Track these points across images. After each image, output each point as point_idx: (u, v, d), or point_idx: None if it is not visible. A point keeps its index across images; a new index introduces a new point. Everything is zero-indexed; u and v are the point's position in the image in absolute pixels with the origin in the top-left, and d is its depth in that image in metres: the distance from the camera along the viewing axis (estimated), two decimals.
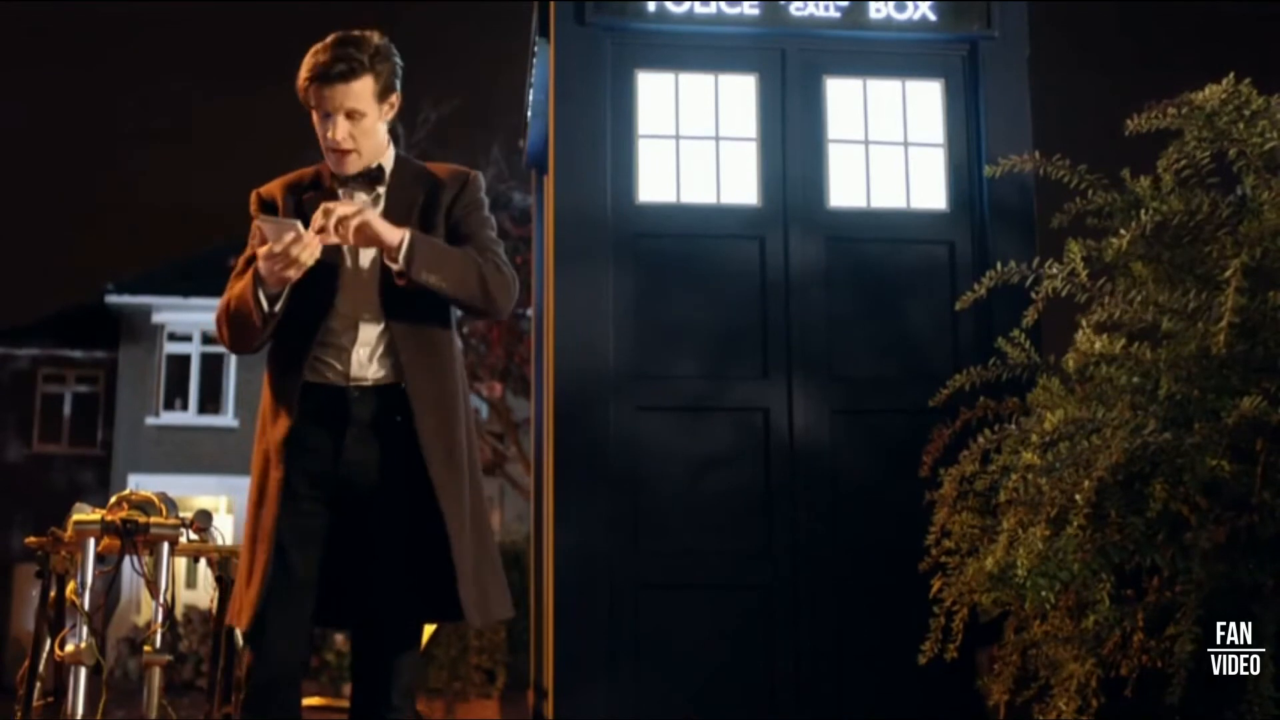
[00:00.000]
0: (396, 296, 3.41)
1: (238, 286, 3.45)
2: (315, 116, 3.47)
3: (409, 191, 3.55)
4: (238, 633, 4.44)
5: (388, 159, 3.57)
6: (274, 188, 3.61)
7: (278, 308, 3.38)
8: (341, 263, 3.45)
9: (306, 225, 3.41)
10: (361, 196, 3.51)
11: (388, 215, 3.46)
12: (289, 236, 3.26)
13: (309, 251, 3.28)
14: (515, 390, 18.63)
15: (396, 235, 3.32)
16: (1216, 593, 3.41)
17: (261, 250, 3.32)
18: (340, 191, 3.53)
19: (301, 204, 3.53)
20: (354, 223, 3.27)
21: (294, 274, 3.29)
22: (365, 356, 3.42)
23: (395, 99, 3.51)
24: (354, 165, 3.48)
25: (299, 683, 3.40)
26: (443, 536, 3.33)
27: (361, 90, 3.41)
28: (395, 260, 3.32)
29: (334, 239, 3.31)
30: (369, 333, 3.43)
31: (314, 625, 3.43)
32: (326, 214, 3.29)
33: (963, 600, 4.09)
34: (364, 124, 3.44)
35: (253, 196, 3.61)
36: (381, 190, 3.54)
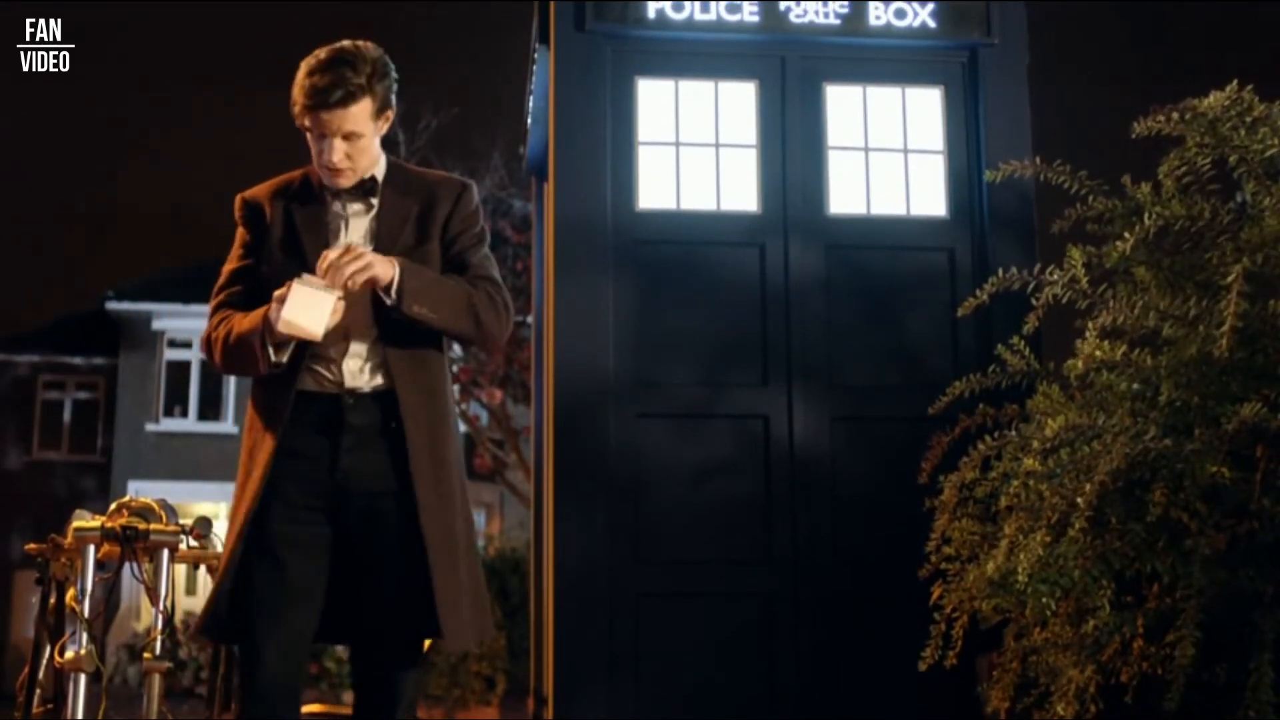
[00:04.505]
0: (388, 308, 3.34)
1: (240, 323, 3.37)
2: (310, 135, 3.39)
3: (403, 202, 3.48)
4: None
5: (380, 169, 3.50)
6: (260, 194, 3.53)
7: (285, 357, 3.31)
8: None
9: (293, 228, 3.40)
10: (355, 207, 3.46)
11: (381, 226, 3.43)
12: (328, 306, 3.19)
13: (336, 319, 3.23)
14: (515, 397, 18.63)
15: (389, 271, 3.25)
16: (1216, 599, 3.41)
17: (280, 304, 3.20)
18: (334, 202, 3.47)
19: (290, 212, 3.47)
20: (361, 277, 3.21)
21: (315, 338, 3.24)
22: (356, 368, 3.36)
23: (391, 113, 3.44)
24: (349, 181, 3.42)
25: (297, 697, 3.32)
26: (426, 559, 3.26)
27: (359, 113, 3.33)
28: (388, 294, 3.27)
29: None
30: (360, 344, 3.37)
31: (314, 640, 3.35)
32: (333, 267, 3.21)
33: (963, 607, 4.09)
34: (361, 143, 3.37)
35: (238, 202, 3.55)
36: (375, 200, 3.48)
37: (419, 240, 3.45)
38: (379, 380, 3.37)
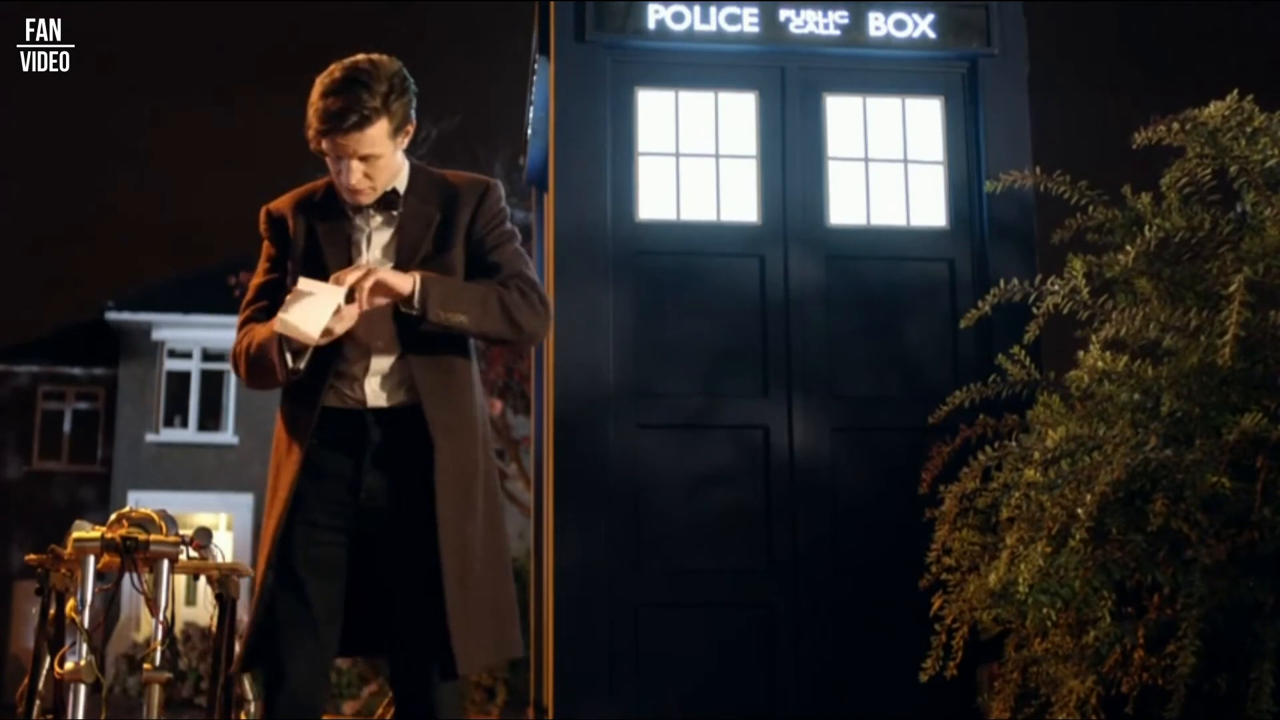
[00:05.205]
0: (412, 324, 3.27)
1: (259, 333, 3.32)
2: (326, 157, 3.30)
3: (425, 210, 3.41)
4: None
5: (401, 178, 3.42)
6: (284, 205, 3.47)
7: (303, 364, 3.25)
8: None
9: (316, 242, 3.36)
10: (378, 219, 3.40)
11: (403, 237, 3.37)
12: (330, 309, 3.13)
13: (345, 325, 3.17)
14: (515, 408, 18.61)
15: (408, 283, 3.19)
16: (1217, 609, 3.41)
17: (287, 311, 3.15)
18: (357, 215, 3.40)
19: (312, 225, 3.41)
20: (367, 285, 3.15)
21: (324, 341, 3.18)
22: (377, 385, 3.31)
23: (411, 127, 3.34)
24: (370, 199, 3.35)
25: (319, 716, 3.28)
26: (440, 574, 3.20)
27: (376, 135, 3.22)
28: (410, 306, 3.20)
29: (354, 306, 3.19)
30: (382, 362, 3.32)
31: (339, 655, 3.32)
32: (339, 284, 3.16)
33: (963, 617, 4.09)
34: (380, 163, 3.28)
35: (262, 214, 3.48)
36: (397, 213, 3.40)
37: (439, 248, 3.38)
38: (402, 397, 3.31)
